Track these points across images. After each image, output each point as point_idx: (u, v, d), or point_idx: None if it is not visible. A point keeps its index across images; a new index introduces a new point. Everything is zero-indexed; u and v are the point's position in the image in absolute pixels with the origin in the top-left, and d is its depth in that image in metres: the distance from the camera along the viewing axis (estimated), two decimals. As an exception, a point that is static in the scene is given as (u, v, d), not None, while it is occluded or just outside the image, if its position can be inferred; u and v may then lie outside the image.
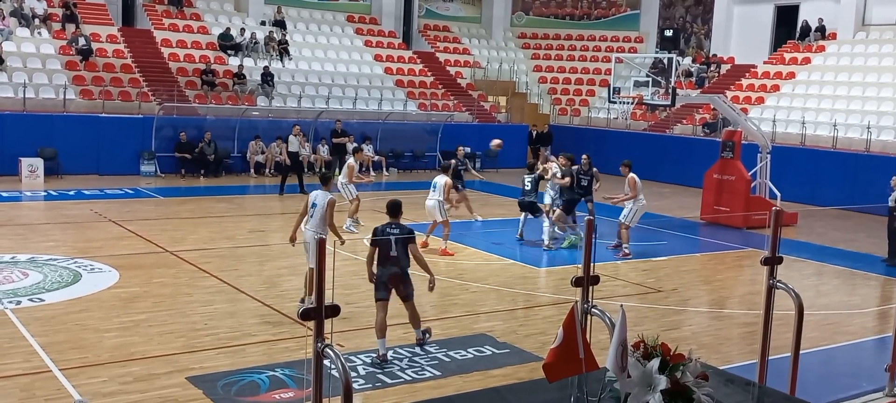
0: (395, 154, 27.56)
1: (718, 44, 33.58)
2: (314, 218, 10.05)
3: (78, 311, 9.96)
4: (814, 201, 22.62)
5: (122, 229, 15.28)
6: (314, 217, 10.05)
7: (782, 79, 29.43)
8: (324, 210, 9.95)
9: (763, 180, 19.82)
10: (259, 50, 28.76)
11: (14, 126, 21.66)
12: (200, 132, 23.88)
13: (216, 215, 17.66)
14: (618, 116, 29.80)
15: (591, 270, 4.42)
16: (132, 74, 25.24)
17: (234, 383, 7.82)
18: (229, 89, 26.36)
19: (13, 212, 17.15)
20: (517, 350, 9.21)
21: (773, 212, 5.26)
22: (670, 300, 12.04)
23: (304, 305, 9.40)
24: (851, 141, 24.55)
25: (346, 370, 3.46)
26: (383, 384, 7.99)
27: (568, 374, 3.82)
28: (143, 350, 8.62)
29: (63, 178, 21.48)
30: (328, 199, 10.00)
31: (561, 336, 3.76)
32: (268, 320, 9.98)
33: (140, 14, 29.03)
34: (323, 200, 10.01)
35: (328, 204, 9.96)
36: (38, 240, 14.00)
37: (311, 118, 25.60)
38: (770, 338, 5.30)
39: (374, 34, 33.31)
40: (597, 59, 35.70)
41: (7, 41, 24.22)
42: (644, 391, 3.51)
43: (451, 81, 32.43)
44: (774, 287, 5.21)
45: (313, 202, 10.11)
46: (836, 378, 9.08)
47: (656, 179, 26.89)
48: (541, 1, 38.27)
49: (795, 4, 31.54)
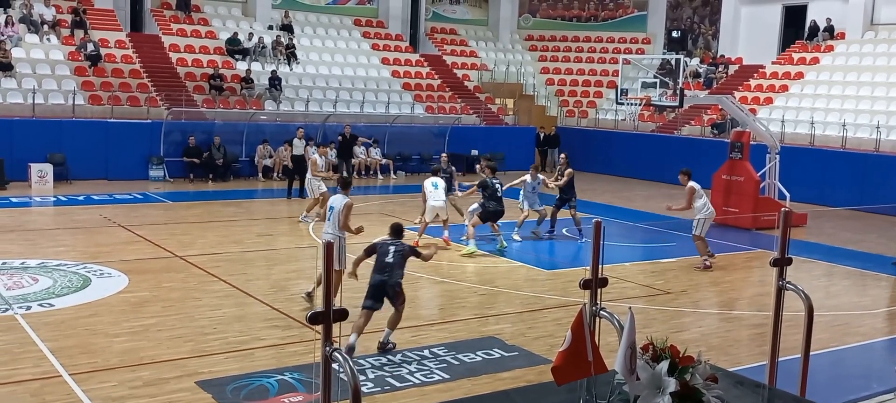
0: (402, 157, 27.57)
1: (726, 44, 33.48)
2: (331, 221, 10.33)
3: (87, 316, 9.99)
4: (823, 202, 22.54)
5: (130, 234, 15.33)
6: (331, 219, 10.33)
7: (791, 79, 29.33)
8: (340, 212, 10.22)
9: (772, 181, 19.75)
10: (266, 54, 28.83)
11: (24, 131, 21.77)
12: (208, 136, 23.94)
13: (224, 219, 17.70)
14: (625, 118, 29.83)
15: (599, 272, 4.41)
16: (140, 79, 25.33)
17: (243, 387, 7.84)
18: (237, 93, 26.43)
19: (23, 218, 17.23)
20: (526, 352, 9.19)
21: (783, 213, 5.24)
22: (679, 302, 12.00)
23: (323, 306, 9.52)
24: (860, 141, 24.45)
25: (354, 373, 3.45)
26: (392, 387, 7.99)
27: (576, 377, 3.81)
28: (153, 355, 8.64)
29: (72, 183, 21.57)
30: (344, 202, 10.27)
31: (569, 338, 3.75)
32: (276, 324, 10.00)
33: (148, 19, 29.14)
34: (339, 204, 10.29)
35: (345, 207, 10.24)
36: (48, 246, 14.05)
37: (319, 122, 25.63)
38: (780, 340, 5.27)
39: (381, 37, 33.36)
40: (604, 60, 35.65)
41: (16, 47, 24.34)
42: (653, 393, 3.49)
43: (458, 84, 32.44)
44: (784, 288, 5.18)
45: (331, 205, 10.43)
46: (847, 379, 9.04)
47: (664, 181, 26.84)
48: (548, 3, 38.26)
49: (803, 4, 31.44)
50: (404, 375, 8.32)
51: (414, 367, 8.56)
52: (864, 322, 11.40)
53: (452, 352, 9.07)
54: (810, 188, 22.70)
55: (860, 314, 11.79)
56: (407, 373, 8.37)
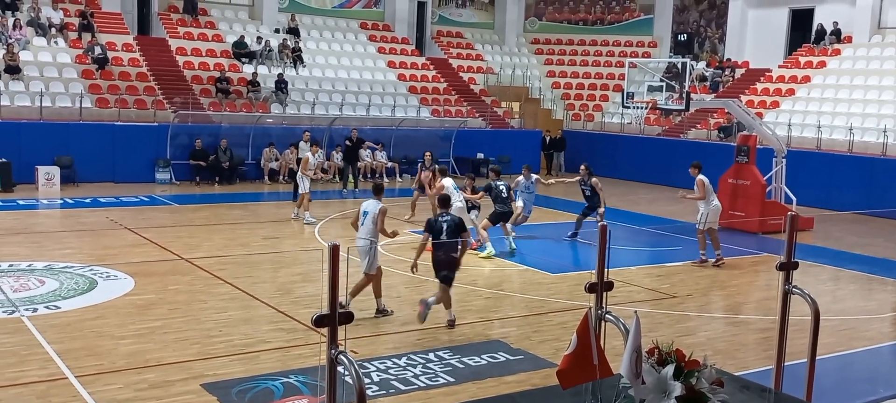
0: (408, 160, 27.57)
1: (733, 48, 33.44)
2: (365, 225, 10.52)
3: (93, 318, 10.02)
4: (830, 206, 22.47)
5: (137, 236, 15.37)
6: (365, 224, 10.52)
7: (797, 82, 29.27)
8: (375, 216, 10.39)
9: (778, 185, 19.71)
10: (273, 57, 28.88)
11: (31, 134, 21.84)
12: (215, 139, 23.99)
13: (230, 222, 17.73)
14: (632, 121, 29.81)
15: (604, 276, 4.40)
16: (147, 82, 25.41)
17: (249, 389, 7.84)
18: (243, 97, 26.49)
19: (30, 220, 17.29)
20: (531, 356, 9.18)
21: (789, 217, 5.23)
22: (685, 305, 11.98)
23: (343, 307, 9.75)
24: (867, 145, 24.38)
25: (359, 376, 3.46)
26: (397, 391, 7.99)
27: (582, 380, 3.81)
28: (158, 357, 8.65)
29: (79, 186, 21.63)
30: (379, 207, 10.50)
31: (575, 342, 3.75)
32: (282, 327, 10.01)
33: (155, 23, 29.23)
34: (374, 208, 10.50)
35: (380, 212, 10.49)
36: (55, 248, 14.10)
37: (325, 125, 25.67)
38: (786, 344, 5.26)
39: (388, 41, 33.40)
40: (610, 64, 35.64)
41: (24, 50, 24.44)
42: (659, 397, 3.49)
43: (464, 87, 32.45)
44: (790, 292, 5.17)
45: (364, 210, 10.61)
46: (853, 383, 9.01)
47: (670, 184, 26.80)
48: (554, 6, 38.26)
49: (810, 8, 31.39)
50: (409, 378, 8.32)
51: (419, 370, 8.56)
52: (870, 326, 11.36)
53: (457, 356, 9.07)
54: (817, 192, 22.63)
55: (867, 318, 11.75)
56: (412, 376, 8.37)
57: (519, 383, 8.27)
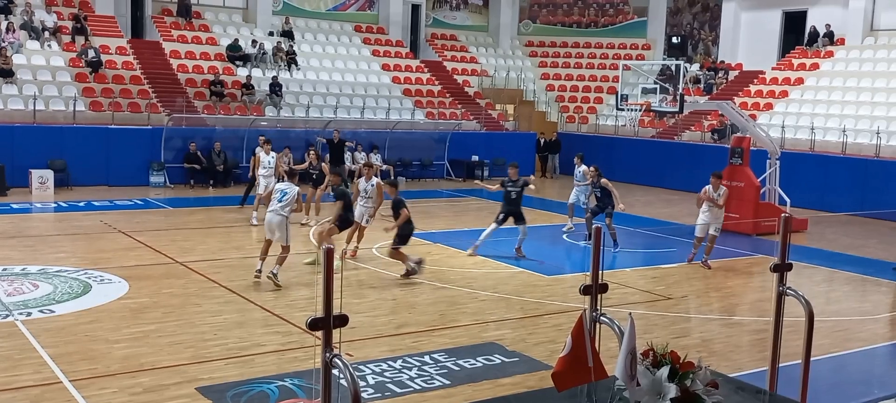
0: (403, 163, 27.58)
1: (726, 50, 33.53)
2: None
3: (88, 322, 9.99)
4: (823, 207, 22.53)
5: (131, 240, 15.33)
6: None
7: (791, 85, 29.36)
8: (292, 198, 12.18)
9: (772, 186, 19.76)
10: (267, 60, 28.86)
11: (24, 138, 21.78)
12: (209, 142, 23.95)
13: (225, 225, 17.70)
14: (626, 124, 29.84)
15: (599, 278, 4.40)
16: (141, 86, 25.36)
17: (244, 393, 7.83)
18: (238, 100, 26.46)
19: (23, 224, 17.23)
20: (526, 358, 9.19)
21: (783, 219, 5.23)
22: (680, 307, 12.00)
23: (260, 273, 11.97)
24: (861, 146, 24.47)
25: (354, 380, 3.45)
26: (393, 393, 7.98)
27: (577, 383, 3.81)
28: (153, 361, 8.63)
29: (73, 190, 21.57)
30: (296, 191, 12.22)
31: (570, 344, 3.75)
32: (277, 330, 9.99)
33: (149, 26, 29.18)
34: (293, 192, 12.21)
35: (296, 196, 12.25)
36: (49, 252, 14.05)
37: (320, 127, 25.64)
38: (780, 345, 5.27)
39: (382, 43, 33.40)
40: (604, 66, 35.69)
41: (17, 53, 24.37)
42: (654, 399, 3.49)
43: (458, 90, 32.46)
44: (784, 293, 5.17)
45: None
46: (848, 385, 9.03)
47: (664, 186, 26.87)
48: (548, 9, 38.31)
49: (803, 10, 31.48)
50: (405, 381, 8.32)
51: (414, 373, 8.56)
52: (864, 327, 11.40)
53: (453, 358, 9.06)
54: (811, 193, 22.70)
55: (861, 319, 11.79)
56: (407, 379, 8.37)
57: (514, 385, 8.27)
